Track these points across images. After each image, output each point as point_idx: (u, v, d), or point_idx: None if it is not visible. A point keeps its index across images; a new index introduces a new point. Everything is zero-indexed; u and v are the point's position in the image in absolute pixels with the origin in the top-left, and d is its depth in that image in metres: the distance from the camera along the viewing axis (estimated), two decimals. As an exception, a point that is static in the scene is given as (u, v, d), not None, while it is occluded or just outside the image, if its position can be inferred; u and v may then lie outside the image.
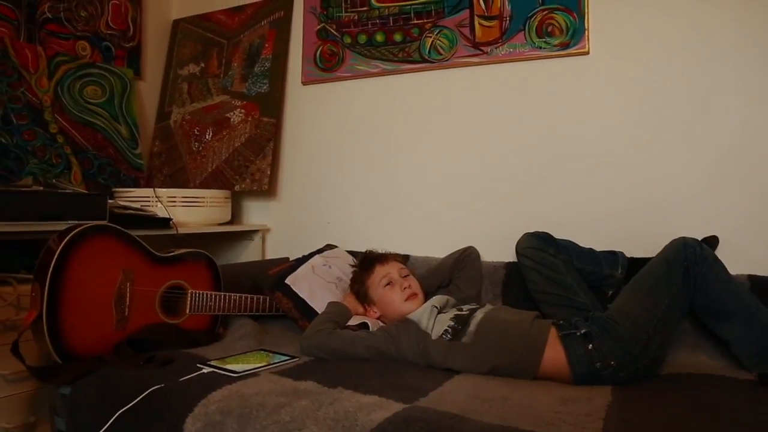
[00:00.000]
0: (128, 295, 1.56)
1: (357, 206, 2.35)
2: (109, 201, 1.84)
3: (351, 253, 2.11)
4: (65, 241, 1.44)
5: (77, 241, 1.46)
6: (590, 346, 1.41)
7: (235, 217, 2.59)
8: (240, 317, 1.86)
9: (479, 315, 1.55)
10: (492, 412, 1.16)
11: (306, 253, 2.09)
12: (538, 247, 1.73)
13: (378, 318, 1.77)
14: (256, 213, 2.60)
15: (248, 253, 2.52)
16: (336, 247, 2.14)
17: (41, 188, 1.69)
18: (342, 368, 1.45)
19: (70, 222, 1.60)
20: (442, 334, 1.52)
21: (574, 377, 1.40)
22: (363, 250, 2.13)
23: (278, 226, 2.55)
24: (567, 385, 1.39)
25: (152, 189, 2.13)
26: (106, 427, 1.25)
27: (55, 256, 1.41)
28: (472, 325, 1.51)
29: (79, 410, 1.39)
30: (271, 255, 2.54)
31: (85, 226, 1.49)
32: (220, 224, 2.36)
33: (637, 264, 1.67)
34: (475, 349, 1.47)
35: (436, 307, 1.62)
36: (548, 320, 1.55)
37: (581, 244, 1.79)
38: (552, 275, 1.70)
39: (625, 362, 1.39)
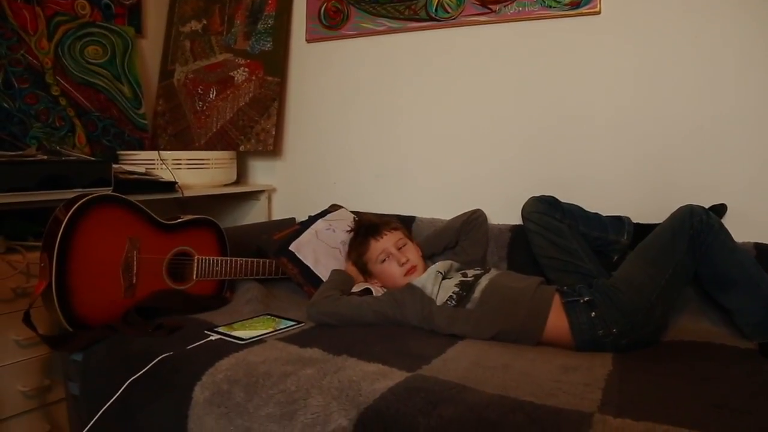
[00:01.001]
0: (135, 263, 1.58)
1: (362, 167, 2.33)
2: (114, 165, 1.83)
3: (355, 213, 2.10)
4: (72, 211, 1.44)
5: (84, 210, 1.46)
6: (593, 313, 1.42)
7: (241, 177, 2.58)
8: (246, 281, 1.88)
9: (484, 281, 1.56)
10: (493, 380, 1.17)
11: (312, 214, 2.09)
12: (544, 211, 1.72)
13: (380, 287, 1.78)
14: (261, 173, 2.60)
15: (254, 214, 2.52)
16: (341, 207, 2.14)
17: (45, 157, 1.68)
18: (347, 335, 1.47)
19: (76, 190, 1.60)
20: (447, 300, 1.53)
21: (576, 344, 1.42)
22: (368, 211, 2.15)
23: (284, 187, 2.54)
24: (569, 351, 1.40)
25: (157, 152, 2.12)
26: (117, 395, 1.28)
27: (63, 227, 1.42)
28: (476, 292, 1.52)
29: (92, 376, 1.43)
30: (277, 215, 2.54)
31: (92, 195, 1.49)
32: (225, 185, 2.36)
33: (642, 230, 1.66)
34: (479, 315, 1.48)
35: (440, 273, 1.63)
36: (552, 287, 1.55)
37: (587, 209, 1.78)
38: (557, 240, 1.69)
39: (627, 330, 1.40)
